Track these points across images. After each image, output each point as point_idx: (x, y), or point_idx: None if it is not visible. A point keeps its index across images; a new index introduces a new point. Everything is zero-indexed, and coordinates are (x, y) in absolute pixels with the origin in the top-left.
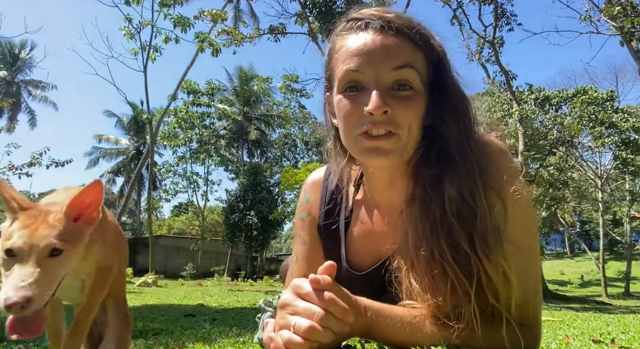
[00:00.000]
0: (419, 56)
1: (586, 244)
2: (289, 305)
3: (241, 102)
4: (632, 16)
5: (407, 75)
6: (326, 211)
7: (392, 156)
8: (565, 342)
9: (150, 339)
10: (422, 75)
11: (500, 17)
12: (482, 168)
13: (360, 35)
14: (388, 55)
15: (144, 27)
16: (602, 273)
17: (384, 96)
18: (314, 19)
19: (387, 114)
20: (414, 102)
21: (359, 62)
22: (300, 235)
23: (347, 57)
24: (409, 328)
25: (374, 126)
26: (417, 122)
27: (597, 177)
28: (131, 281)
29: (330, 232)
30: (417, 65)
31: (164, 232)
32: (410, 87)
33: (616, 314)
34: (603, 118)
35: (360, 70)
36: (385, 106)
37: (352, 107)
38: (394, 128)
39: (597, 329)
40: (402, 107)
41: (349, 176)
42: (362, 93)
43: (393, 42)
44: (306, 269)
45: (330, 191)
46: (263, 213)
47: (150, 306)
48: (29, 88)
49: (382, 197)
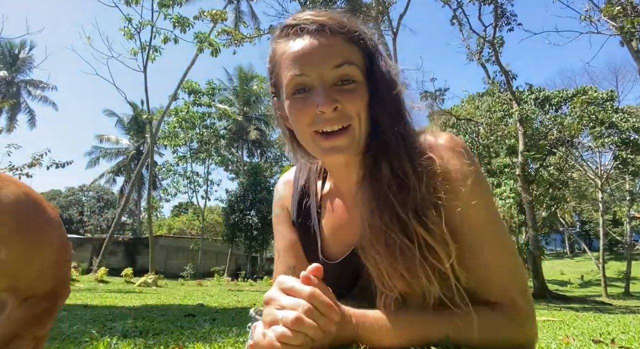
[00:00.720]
0: (354, 51)
1: (586, 244)
2: (275, 300)
3: (241, 102)
4: (632, 16)
5: (347, 71)
6: (298, 207)
7: (348, 151)
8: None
9: (150, 339)
10: (361, 68)
11: (500, 17)
12: (413, 149)
13: (298, 40)
14: (327, 55)
15: (144, 27)
16: (602, 273)
17: (330, 93)
18: None
19: (338, 109)
20: (358, 92)
21: (302, 66)
22: (278, 231)
23: (290, 63)
24: (394, 330)
25: (327, 123)
26: (365, 111)
27: (597, 177)
28: (131, 281)
29: (304, 226)
30: (354, 59)
31: (164, 232)
32: (353, 80)
33: (616, 314)
34: (603, 118)
35: (304, 73)
36: (334, 102)
37: (303, 108)
38: (346, 121)
39: (597, 329)
40: (349, 99)
41: (316, 171)
42: (310, 94)
43: (329, 43)
44: (290, 259)
45: (300, 186)
46: (263, 213)
47: (150, 306)
48: (28, 88)
49: (343, 185)
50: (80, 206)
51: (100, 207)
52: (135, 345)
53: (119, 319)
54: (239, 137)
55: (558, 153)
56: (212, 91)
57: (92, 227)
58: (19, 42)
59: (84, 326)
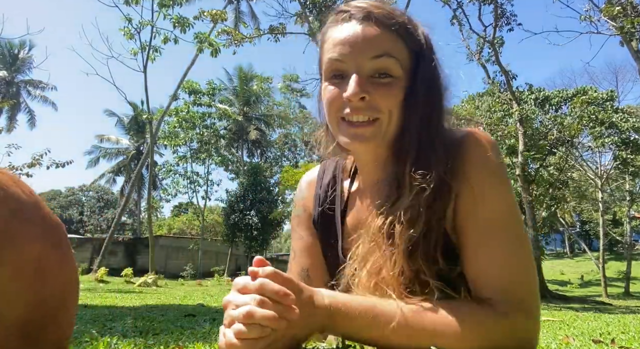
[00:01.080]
0: (398, 45)
1: (586, 244)
2: (231, 302)
3: (241, 102)
4: (632, 16)
5: (386, 64)
6: (321, 206)
7: (372, 141)
8: (565, 342)
9: (150, 339)
10: (402, 63)
11: (500, 17)
12: (439, 156)
13: (344, 25)
14: (368, 44)
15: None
16: (602, 273)
17: (362, 83)
18: (314, 19)
19: (366, 100)
20: (393, 88)
21: (341, 52)
22: (297, 231)
23: (331, 47)
24: (377, 322)
25: (353, 112)
26: (397, 108)
27: (597, 177)
28: (131, 281)
29: (326, 225)
30: (396, 53)
31: (164, 232)
32: (390, 74)
33: (616, 314)
34: (603, 118)
35: (342, 59)
36: (362, 92)
37: (335, 93)
38: (375, 113)
39: (597, 329)
40: (382, 93)
41: (344, 169)
42: (344, 81)
43: (373, 32)
44: (305, 261)
45: (324, 185)
46: (263, 213)
47: (150, 306)
48: (28, 88)
49: (370, 182)
50: (80, 206)
51: (100, 207)
52: (135, 345)
53: (119, 319)
54: (239, 137)
55: (558, 153)
56: (212, 91)
57: (92, 227)
58: (19, 42)
59: (84, 326)
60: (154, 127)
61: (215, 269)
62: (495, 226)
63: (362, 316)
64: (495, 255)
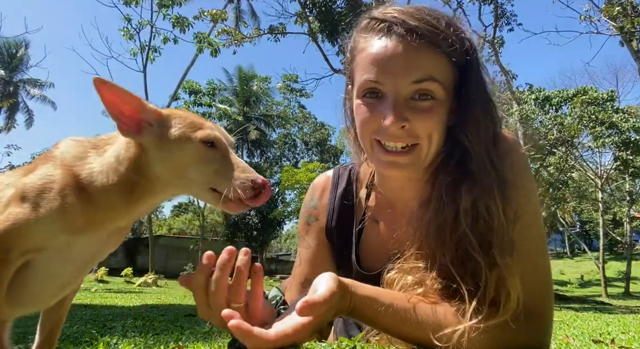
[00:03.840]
0: (442, 64)
1: (586, 244)
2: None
3: (241, 102)
4: (632, 16)
5: (427, 87)
6: (337, 215)
7: (409, 169)
8: (565, 342)
9: (150, 339)
10: (445, 84)
11: (500, 17)
12: (502, 180)
13: (382, 41)
14: (408, 66)
15: (143, 27)
16: (602, 273)
17: (401, 109)
18: (314, 19)
19: (405, 128)
20: (434, 112)
21: (378, 73)
22: (305, 239)
23: (367, 65)
24: (397, 316)
25: (391, 139)
26: (439, 131)
27: (597, 178)
28: (131, 281)
29: (342, 235)
30: (439, 75)
31: (164, 232)
32: (432, 97)
33: (616, 314)
34: (603, 118)
35: (379, 81)
36: (402, 121)
37: (370, 116)
38: (414, 140)
39: (597, 329)
40: (422, 118)
41: (358, 177)
42: (381, 101)
43: (414, 52)
44: (309, 272)
45: (339, 193)
46: (263, 213)
47: (150, 306)
48: (26, 87)
49: (396, 198)
50: None
51: None
52: (135, 345)
53: (119, 319)
54: (238, 137)
55: (558, 153)
56: (212, 91)
57: None
58: (17, 41)
59: (84, 326)
60: None
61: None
62: (534, 248)
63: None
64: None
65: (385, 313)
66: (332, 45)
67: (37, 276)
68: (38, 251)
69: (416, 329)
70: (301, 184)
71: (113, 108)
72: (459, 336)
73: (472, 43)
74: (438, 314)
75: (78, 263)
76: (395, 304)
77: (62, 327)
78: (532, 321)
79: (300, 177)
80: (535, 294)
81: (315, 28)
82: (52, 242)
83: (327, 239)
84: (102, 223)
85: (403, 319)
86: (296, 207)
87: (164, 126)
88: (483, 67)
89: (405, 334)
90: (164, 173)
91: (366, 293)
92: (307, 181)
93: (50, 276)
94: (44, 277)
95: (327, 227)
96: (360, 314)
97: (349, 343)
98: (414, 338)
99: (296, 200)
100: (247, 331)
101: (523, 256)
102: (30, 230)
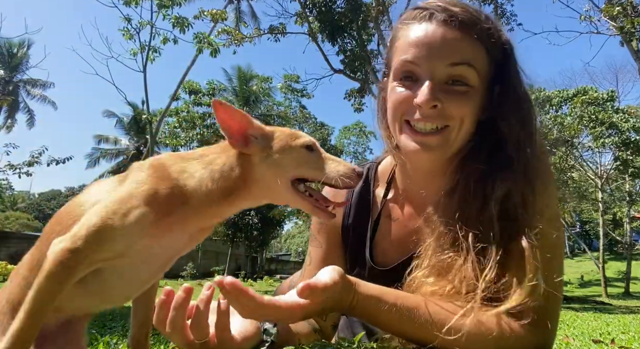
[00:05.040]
0: (479, 53)
1: (586, 244)
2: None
3: (241, 102)
4: (632, 16)
5: (463, 72)
6: (355, 211)
7: (437, 151)
8: (565, 342)
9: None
10: (480, 72)
11: (500, 17)
12: (538, 172)
13: (423, 25)
14: (446, 50)
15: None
16: (602, 273)
17: (435, 90)
18: (314, 19)
19: (437, 108)
20: (467, 98)
21: (416, 54)
22: (316, 238)
23: (406, 47)
24: (401, 315)
25: (422, 119)
26: (471, 117)
27: (597, 177)
28: None
29: (358, 232)
30: (475, 62)
31: None
32: (466, 83)
33: (616, 314)
34: (603, 118)
35: (416, 62)
36: (434, 100)
37: (404, 96)
38: (445, 121)
39: (597, 329)
40: (455, 101)
41: (375, 176)
42: (416, 84)
43: (454, 37)
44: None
45: (357, 192)
46: (263, 213)
47: None
48: (27, 87)
49: (417, 189)
50: None
51: None
52: None
53: (119, 319)
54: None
55: (558, 153)
56: (212, 90)
57: None
58: (18, 41)
59: None
60: (154, 128)
61: (215, 269)
62: (551, 245)
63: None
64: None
65: (389, 312)
66: (332, 46)
67: (116, 276)
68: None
69: (420, 328)
70: None
71: (225, 125)
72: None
73: (510, 43)
74: (444, 312)
75: (157, 264)
76: (399, 304)
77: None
78: (540, 321)
79: None
80: (545, 292)
81: (315, 28)
82: (135, 248)
83: (342, 237)
84: (190, 225)
85: (407, 318)
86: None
87: (268, 139)
88: (521, 68)
89: (408, 333)
90: (265, 179)
91: (370, 292)
92: None
93: (128, 277)
94: (122, 277)
95: (344, 225)
96: (363, 312)
97: (349, 343)
98: (418, 337)
99: None
100: (240, 290)
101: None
102: (116, 238)
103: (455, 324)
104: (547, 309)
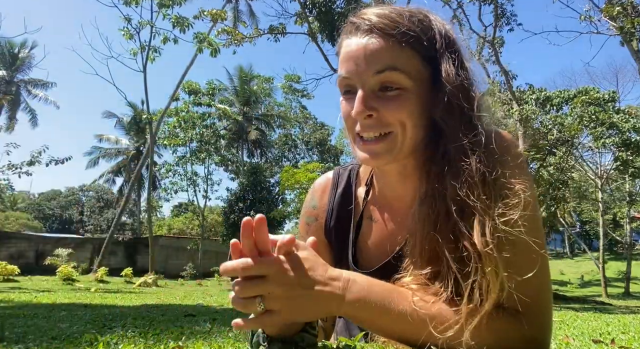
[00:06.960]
0: (405, 55)
1: (586, 244)
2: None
3: (241, 102)
4: (632, 16)
5: (390, 77)
6: (337, 213)
7: (384, 157)
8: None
9: (150, 339)
10: (411, 73)
11: (500, 17)
12: (487, 166)
13: (352, 39)
14: (370, 59)
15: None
16: (602, 273)
17: (367, 100)
18: (313, 19)
19: (373, 117)
20: (401, 101)
21: (347, 68)
22: (304, 239)
23: (341, 63)
24: (391, 313)
25: (364, 129)
26: (412, 120)
27: (597, 178)
28: (131, 281)
29: (340, 234)
30: (401, 65)
31: (164, 232)
32: (397, 87)
33: (616, 314)
34: (603, 118)
35: (349, 76)
36: (368, 110)
37: (348, 110)
38: (385, 127)
39: (597, 329)
40: (390, 106)
41: (358, 176)
42: (354, 97)
43: (375, 46)
44: None
45: (339, 192)
46: (263, 213)
47: (150, 306)
48: (28, 87)
49: (393, 194)
50: (80, 206)
51: (100, 207)
52: (135, 345)
53: (119, 319)
54: (239, 137)
55: (558, 153)
56: (212, 90)
57: (92, 227)
58: (19, 41)
59: (83, 326)
60: (153, 128)
61: (215, 269)
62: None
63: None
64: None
65: (376, 312)
66: (332, 46)
67: None
68: None
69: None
70: (301, 184)
71: None
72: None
73: (445, 35)
74: (433, 313)
75: None
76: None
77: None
78: (530, 316)
79: (300, 178)
80: (531, 288)
81: (315, 28)
82: None
83: (327, 239)
84: None
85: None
86: (296, 207)
87: None
88: (462, 58)
89: (396, 333)
90: None
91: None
92: (306, 181)
93: None
94: None
95: (327, 227)
96: (352, 316)
97: (349, 343)
98: (407, 338)
99: (296, 200)
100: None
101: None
102: None
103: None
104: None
